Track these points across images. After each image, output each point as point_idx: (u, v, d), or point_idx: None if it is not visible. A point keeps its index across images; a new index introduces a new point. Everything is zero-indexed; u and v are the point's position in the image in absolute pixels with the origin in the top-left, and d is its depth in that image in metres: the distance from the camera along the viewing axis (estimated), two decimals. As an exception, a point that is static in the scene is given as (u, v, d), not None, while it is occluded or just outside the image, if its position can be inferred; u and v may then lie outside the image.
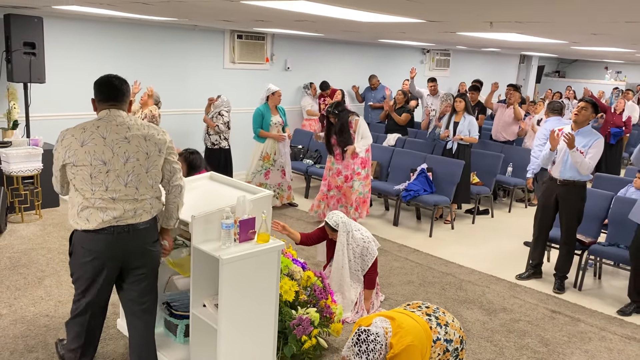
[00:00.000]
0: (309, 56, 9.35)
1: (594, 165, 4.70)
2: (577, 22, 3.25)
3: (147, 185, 2.76)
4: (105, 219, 2.65)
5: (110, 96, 2.75)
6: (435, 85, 8.54)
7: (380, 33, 6.21)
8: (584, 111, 4.70)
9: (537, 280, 5.19)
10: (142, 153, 2.71)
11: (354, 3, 2.95)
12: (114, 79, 2.78)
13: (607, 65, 16.60)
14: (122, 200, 2.67)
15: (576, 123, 4.76)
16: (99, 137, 2.63)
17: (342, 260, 4.12)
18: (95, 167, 2.61)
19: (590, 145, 4.66)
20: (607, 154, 8.72)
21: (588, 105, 4.72)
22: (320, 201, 6.40)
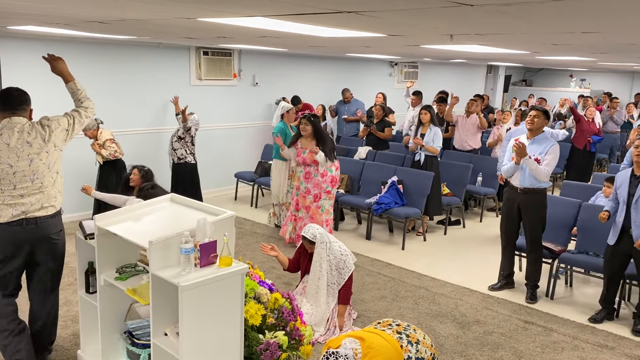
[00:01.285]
0: (277, 71, 9.30)
1: (551, 171, 4.74)
2: (536, 34, 3.27)
3: (50, 180, 3.25)
4: (15, 214, 3.13)
5: (10, 105, 3.18)
6: (417, 99, 8.51)
7: (346, 48, 6.20)
8: (536, 119, 4.75)
9: (510, 291, 5.18)
10: (43, 153, 3.18)
11: (312, 20, 2.90)
12: (13, 90, 3.23)
13: (571, 74, 16.97)
14: (29, 195, 3.16)
15: (531, 131, 4.81)
16: (3, 144, 3.08)
17: (319, 272, 4.05)
18: (2, 170, 3.08)
19: (546, 151, 4.71)
20: (582, 161, 8.87)
21: (540, 113, 4.78)
22: (289, 222, 6.20)
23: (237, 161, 8.75)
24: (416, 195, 6.58)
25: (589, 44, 3.88)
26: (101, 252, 3.21)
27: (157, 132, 7.68)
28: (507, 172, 4.92)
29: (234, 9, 2.64)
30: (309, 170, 5.97)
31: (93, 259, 3.30)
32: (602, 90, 15.42)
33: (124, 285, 3.10)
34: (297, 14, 2.68)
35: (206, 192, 8.14)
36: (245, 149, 8.98)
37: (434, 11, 2.25)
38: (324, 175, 5.93)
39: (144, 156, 7.41)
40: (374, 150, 8.06)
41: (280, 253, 4.18)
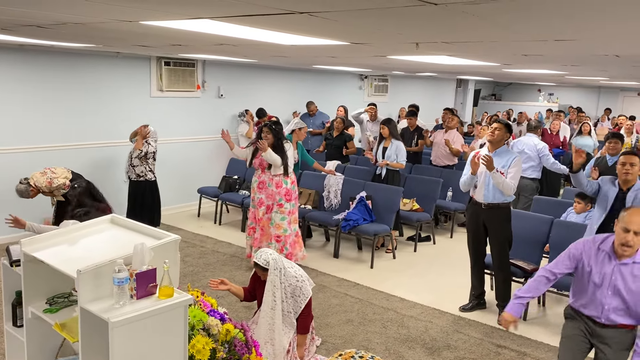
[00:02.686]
0: (243, 83, 9.02)
1: (516, 184, 4.59)
2: (505, 42, 3.09)
3: None
4: None
5: None
6: (374, 111, 8.44)
7: (311, 58, 5.96)
8: (497, 132, 4.63)
9: (481, 311, 4.97)
10: None
11: (264, 22, 2.65)
12: None
13: (540, 88, 17.16)
14: None
15: (492, 144, 4.68)
16: None
17: (272, 301, 3.73)
18: None
19: (509, 164, 4.57)
20: (548, 175, 8.78)
21: (501, 125, 4.66)
22: (247, 237, 5.86)
23: (200, 176, 8.40)
24: (385, 212, 6.36)
25: (561, 54, 3.73)
26: (28, 280, 2.85)
27: (114, 145, 7.29)
28: (464, 184, 4.76)
29: (175, 9, 2.36)
30: (264, 180, 5.64)
31: (21, 288, 2.94)
32: (570, 104, 15.59)
33: (53, 319, 2.74)
34: (246, 15, 2.43)
35: (168, 209, 7.78)
36: (210, 163, 8.65)
37: (396, 12, 2.02)
38: (279, 187, 5.60)
39: (99, 171, 7.02)
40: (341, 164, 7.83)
41: (232, 285, 3.85)
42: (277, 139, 5.57)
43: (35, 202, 6.14)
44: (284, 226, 5.61)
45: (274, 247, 5.60)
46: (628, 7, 1.85)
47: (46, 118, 6.61)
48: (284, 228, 5.62)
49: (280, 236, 5.61)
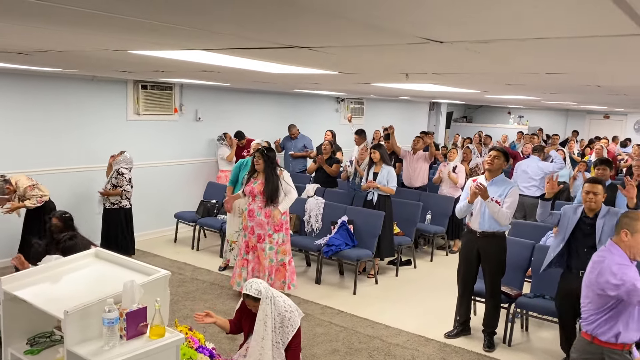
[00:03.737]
0: (221, 106, 8.95)
1: (512, 214, 4.60)
2: (494, 74, 3.13)
3: None
4: None
5: None
6: (360, 138, 8.41)
7: (294, 84, 5.96)
8: (496, 160, 4.63)
9: (466, 338, 4.95)
10: None
11: (260, 55, 2.62)
12: None
13: (510, 111, 17.54)
14: None
15: (490, 172, 4.67)
16: None
17: (263, 331, 3.62)
18: None
19: (506, 194, 4.56)
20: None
21: (500, 154, 4.65)
22: (242, 268, 5.63)
23: (177, 200, 8.24)
24: (367, 236, 6.33)
25: (545, 84, 3.81)
26: (9, 320, 2.71)
27: (90, 170, 7.11)
28: (461, 211, 4.75)
29: (168, 40, 2.32)
30: (252, 208, 5.48)
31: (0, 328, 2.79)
32: (539, 126, 15.98)
33: (35, 361, 2.61)
34: (244, 48, 2.39)
35: (144, 234, 7.61)
36: (187, 188, 8.50)
37: (399, 48, 2.02)
38: (268, 216, 5.49)
39: (75, 197, 6.83)
40: (322, 187, 7.79)
41: (218, 318, 3.73)
42: (270, 165, 5.46)
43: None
44: (271, 256, 5.50)
45: (265, 276, 5.49)
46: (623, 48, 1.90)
47: (19, 143, 6.41)
48: (271, 258, 5.50)
49: (272, 268, 5.53)
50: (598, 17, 1.29)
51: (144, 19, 1.77)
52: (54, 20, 1.95)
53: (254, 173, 5.55)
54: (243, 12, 1.60)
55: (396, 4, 1.34)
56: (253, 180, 5.51)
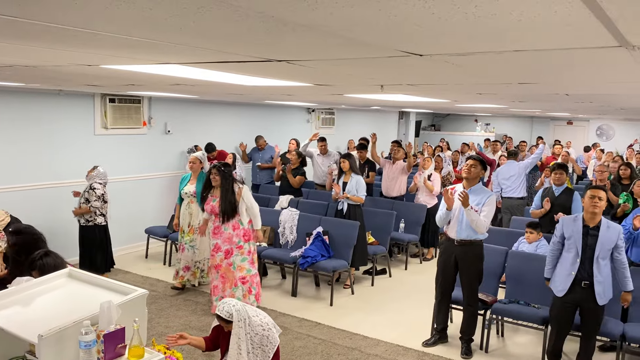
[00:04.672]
0: (191, 118, 8.85)
1: (489, 222, 4.64)
2: (468, 84, 3.18)
3: None
4: None
5: None
6: (325, 145, 8.54)
7: (266, 95, 5.94)
8: (473, 169, 4.64)
9: (444, 345, 4.98)
10: None
11: (236, 68, 2.59)
12: None
13: (476, 118, 17.87)
14: None
15: (467, 181, 4.68)
16: None
17: (237, 355, 3.55)
18: None
19: (483, 202, 4.58)
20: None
21: (477, 162, 4.67)
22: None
23: (148, 215, 8.09)
24: (342, 247, 6.33)
25: (516, 93, 3.89)
26: (-23, 346, 2.59)
27: (58, 186, 6.92)
28: (441, 220, 4.77)
29: (143, 55, 2.27)
30: (218, 225, 5.38)
31: (-33, 355, 2.67)
32: (505, 133, 16.33)
33: (6, 389, 2.50)
34: (222, 61, 2.37)
35: (115, 250, 7.41)
36: (158, 202, 8.36)
37: (379, 61, 2.03)
38: (236, 228, 5.42)
39: (43, 215, 6.62)
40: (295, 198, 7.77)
41: (193, 338, 3.64)
42: (226, 180, 5.36)
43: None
44: (246, 267, 5.44)
45: (241, 290, 5.41)
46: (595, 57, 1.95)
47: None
48: (247, 268, 5.44)
49: (245, 277, 5.44)
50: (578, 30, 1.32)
51: (122, 35, 1.74)
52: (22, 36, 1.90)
53: (211, 189, 5.50)
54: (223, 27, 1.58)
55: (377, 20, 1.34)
56: (212, 198, 5.45)
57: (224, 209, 5.31)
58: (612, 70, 2.18)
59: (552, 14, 1.19)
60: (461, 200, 4.39)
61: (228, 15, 1.38)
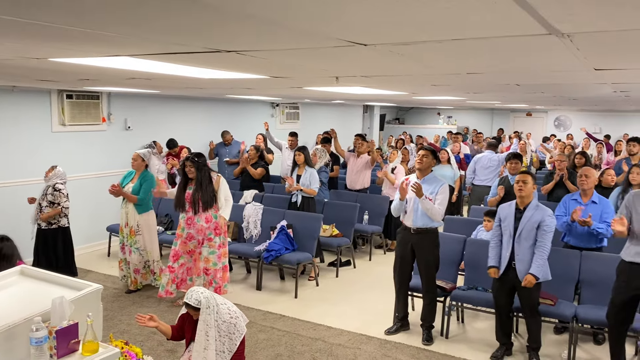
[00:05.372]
0: (152, 113, 8.73)
1: (444, 210, 4.77)
2: (420, 75, 3.25)
3: None
4: None
5: None
6: (294, 140, 8.54)
7: (226, 89, 5.91)
8: (425, 159, 4.78)
9: (406, 333, 5.08)
10: None
11: (188, 60, 2.59)
12: None
13: (439, 111, 18.16)
14: None
15: (420, 171, 4.82)
16: None
17: (205, 341, 3.55)
18: None
19: (437, 191, 4.72)
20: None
21: (428, 152, 4.82)
22: (165, 274, 5.56)
23: (109, 213, 7.93)
24: (307, 239, 6.37)
25: (467, 84, 3.99)
26: None
27: (15, 185, 6.73)
28: (395, 209, 4.89)
29: (92, 47, 2.25)
30: (191, 216, 5.45)
31: None
32: (467, 126, 16.66)
33: (-44, 389, 2.45)
34: (171, 53, 2.36)
35: (76, 250, 7.27)
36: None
37: (325, 51, 2.06)
38: (209, 221, 5.45)
39: (1, 218, 6.43)
40: (259, 193, 7.78)
41: (161, 323, 3.65)
42: (200, 171, 5.38)
43: None
44: (213, 260, 5.49)
45: (202, 280, 5.47)
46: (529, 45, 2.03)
47: None
48: (213, 262, 5.50)
49: (208, 269, 5.49)
50: (504, 18, 1.38)
51: (66, 26, 1.72)
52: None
53: (189, 180, 5.49)
54: (169, 18, 1.58)
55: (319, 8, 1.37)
56: (189, 187, 5.46)
57: (205, 199, 5.35)
58: (551, 59, 2.27)
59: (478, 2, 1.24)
60: (414, 191, 4.51)
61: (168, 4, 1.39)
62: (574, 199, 5.02)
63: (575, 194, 5.07)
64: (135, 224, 5.95)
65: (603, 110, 15.22)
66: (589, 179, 4.86)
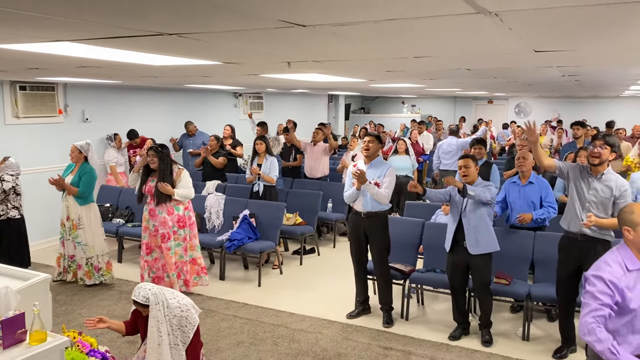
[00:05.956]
0: (112, 105, 8.56)
1: (391, 193, 4.86)
2: (370, 60, 3.28)
3: None
4: None
5: None
6: (263, 130, 8.51)
7: (183, 78, 5.84)
8: (371, 144, 4.88)
9: (367, 317, 5.16)
10: None
11: (131, 44, 2.55)
12: None
13: (403, 100, 18.34)
14: None
15: (367, 157, 4.91)
16: None
17: (157, 338, 3.53)
18: None
19: (384, 174, 4.82)
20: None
21: (373, 138, 4.94)
22: (144, 269, 5.52)
23: (68, 207, 7.78)
24: (270, 228, 6.38)
25: (420, 68, 4.05)
26: None
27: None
28: (349, 198, 4.96)
29: (29, 31, 2.20)
30: (153, 207, 5.38)
31: None
32: (430, 114, 16.87)
33: None
34: (111, 37, 2.33)
35: (32, 245, 7.10)
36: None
37: (266, 33, 2.07)
38: (170, 213, 5.39)
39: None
40: (222, 183, 7.73)
41: (112, 322, 3.59)
42: (163, 162, 5.31)
43: None
44: (179, 252, 5.46)
45: (173, 275, 5.42)
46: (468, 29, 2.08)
47: None
48: (180, 254, 5.47)
49: (176, 262, 5.46)
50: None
51: None
52: None
53: (151, 172, 5.42)
54: None
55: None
56: (151, 179, 5.39)
57: (158, 192, 5.27)
58: (488, 39, 2.33)
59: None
60: (356, 178, 4.64)
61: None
62: (513, 182, 5.18)
63: (514, 177, 5.24)
64: (77, 217, 5.85)
65: (560, 96, 15.63)
66: (526, 161, 5.02)
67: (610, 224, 3.83)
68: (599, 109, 15.82)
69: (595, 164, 3.92)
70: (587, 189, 3.98)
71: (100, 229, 6.07)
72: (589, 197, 3.96)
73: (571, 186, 4.09)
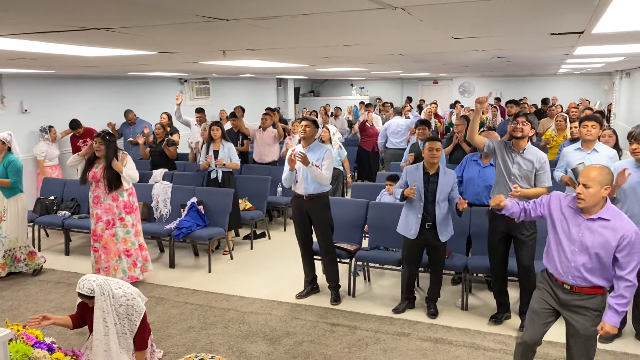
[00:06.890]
0: (51, 95, 8.33)
1: (331, 174, 5.01)
2: (303, 48, 3.38)
3: None
4: None
5: None
6: (202, 116, 8.50)
7: (122, 67, 5.77)
8: (308, 129, 5.01)
9: (316, 296, 5.33)
10: None
11: (61, 38, 2.56)
12: None
13: (352, 83, 18.53)
14: None
15: (305, 140, 5.04)
16: None
17: (104, 328, 3.58)
18: None
19: (322, 157, 4.97)
20: (371, 160, 9.76)
21: (310, 122, 5.06)
22: (92, 254, 5.56)
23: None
24: (218, 214, 6.43)
25: (354, 55, 4.17)
26: None
27: None
28: (287, 180, 5.09)
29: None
30: (98, 194, 5.38)
31: None
32: (379, 96, 17.14)
33: None
34: (41, 32, 2.33)
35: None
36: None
37: (193, 27, 2.13)
38: (115, 200, 5.39)
39: None
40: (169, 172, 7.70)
41: (57, 318, 3.61)
42: (109, 150, 5.30)
43: None
44: (131, 239, 5.49)
45: (125, 263, 5.47)
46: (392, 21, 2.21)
47: None
48: (132, 241, 5.50)
49: (129, 250, 5.49)
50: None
51: None
52: None
53: (96, 159, 5.41)
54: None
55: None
56: (95, 165, 5.38)
57: (109, 177, 5.28)
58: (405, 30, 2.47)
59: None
60: (300, 160, 4.72)
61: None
62: (474, 159, 5.42)
63: (475, 155, 5.46)
64: (2, 209, 5.76)
65: (501, 75, 16.17)
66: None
67: (534, 193, 4.12)
68: (537, 87, 16.49)
69: (518, 137, 4.20)
70: (511, 163, 4.26)
71: (25, 220, 5.99)
72: (514, 170, 4.24)
73: (497, 162, 4.36)
